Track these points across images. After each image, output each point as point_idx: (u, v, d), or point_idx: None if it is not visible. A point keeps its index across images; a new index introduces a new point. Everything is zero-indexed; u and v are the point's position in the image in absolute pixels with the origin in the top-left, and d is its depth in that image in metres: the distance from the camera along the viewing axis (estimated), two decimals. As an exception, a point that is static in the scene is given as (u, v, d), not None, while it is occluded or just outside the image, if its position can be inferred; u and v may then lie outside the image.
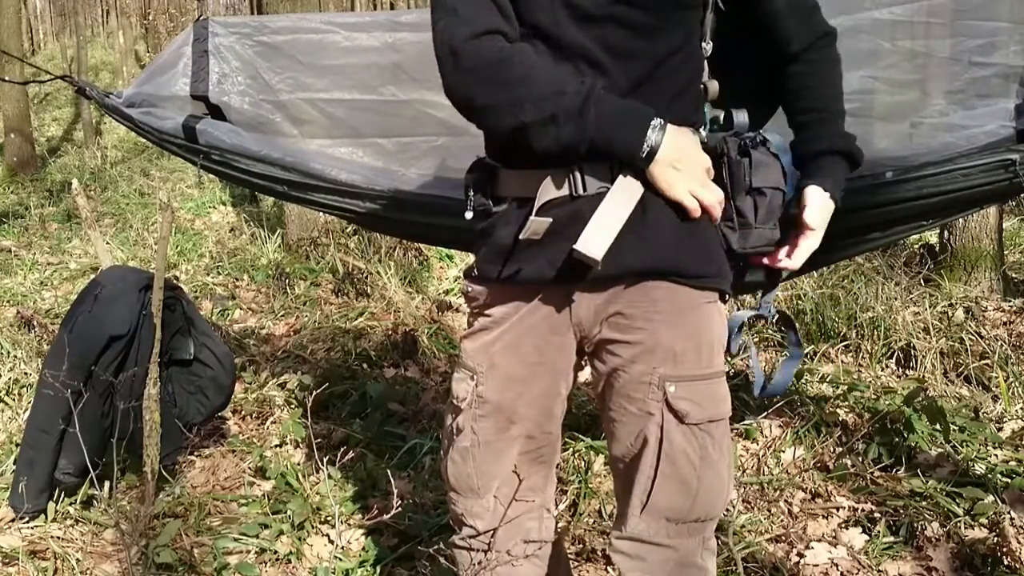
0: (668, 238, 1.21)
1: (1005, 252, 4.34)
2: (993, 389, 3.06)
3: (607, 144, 1.15)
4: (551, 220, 1.19)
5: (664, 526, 1.25)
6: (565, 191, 1.20)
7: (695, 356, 1.23)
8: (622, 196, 1.17)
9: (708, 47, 1.27)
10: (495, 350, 1.31)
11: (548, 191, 1.20)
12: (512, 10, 1.20)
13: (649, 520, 1.25)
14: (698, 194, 1.19)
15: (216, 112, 2.26)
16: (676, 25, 1.21)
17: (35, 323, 3.90)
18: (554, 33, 1.19)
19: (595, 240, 1.15)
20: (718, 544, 2.09)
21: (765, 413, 2.80)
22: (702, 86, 1.29)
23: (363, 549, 2.21)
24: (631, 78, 1.19)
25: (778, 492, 2.41)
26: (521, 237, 1.20)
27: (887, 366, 3.37)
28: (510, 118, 1.15)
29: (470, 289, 1.36)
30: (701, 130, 1.29)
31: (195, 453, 2.75)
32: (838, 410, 2.90)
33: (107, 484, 2.39)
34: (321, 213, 5.20)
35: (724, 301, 1.30)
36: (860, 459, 2.55)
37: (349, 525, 2.34)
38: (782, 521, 2.28)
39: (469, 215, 1.30)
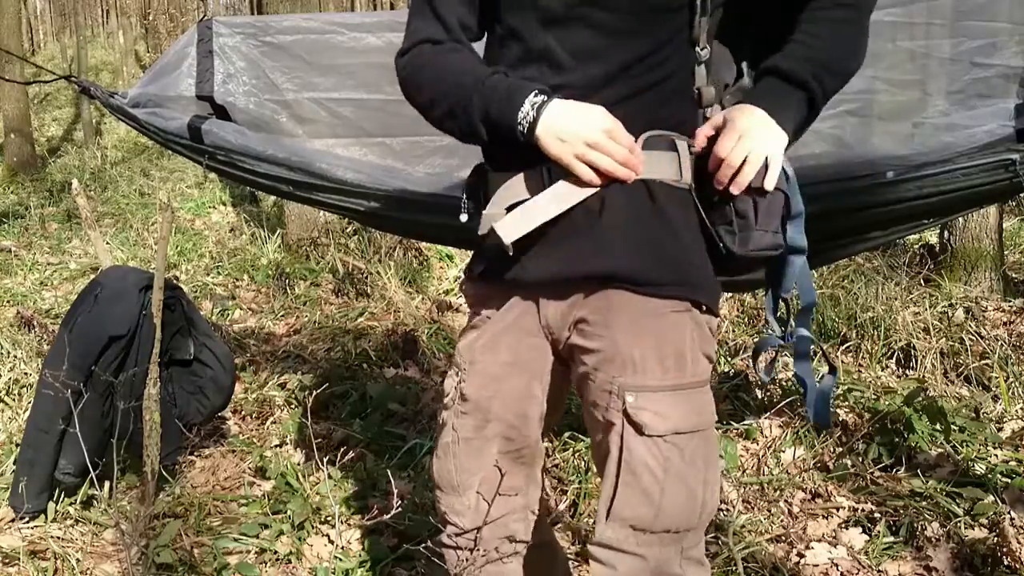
0: (623, 243, 1.19)
1: (1005, 252, 4.34)
2: (993, 389, 3.06)
3: (494, 125, 1.17)
4: (514, 235, 1.19)
5: (631, 534, 1.22)
6: (531, 192, 1.21)
7: (658, 366, 1.19)
8: (558, 192, 1.17)
9: (704, 52, 1.21)
10: (477, 347, 1.33)
11: (514, 193, 1.22)
12: (468, 17, 1.28)
13: (615, 527, 1.23)
14: (587, 157, 1.14)
15: (221, 112, 2.26)
16: (651, 29, 1.17)
17: (35, 323, 3.89)
18: (523, 35, 1.21)
19: (510, 225, 1.17)
20: (718, 544, 2.10)
21: (766, 413, 2.80)
22: (696, 90, 1.23)
23: (363, 549, 2.21)
24: (589, 78, 1.18)
25: (778, 492, 2.42)
26: (479, 233, 1.23)
27: (887, 366, 3.37)
28: (431, 116, 1.26)
29: (464, 287, 1.40)
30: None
31: (195, 453, 2.75)
32: (838, 410, 2.90)
33: (107, 484, 2.39)
34: (322, 213, 5.21)
35: (706, 312, 1.24)
36: (860, 459, 2.55)
37: (349, 525, 2.34)
38: (782, 521, 2.28)
39: (464, 218, 1.32)
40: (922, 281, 4.03)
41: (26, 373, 3.29)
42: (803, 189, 1.78)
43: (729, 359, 3.36)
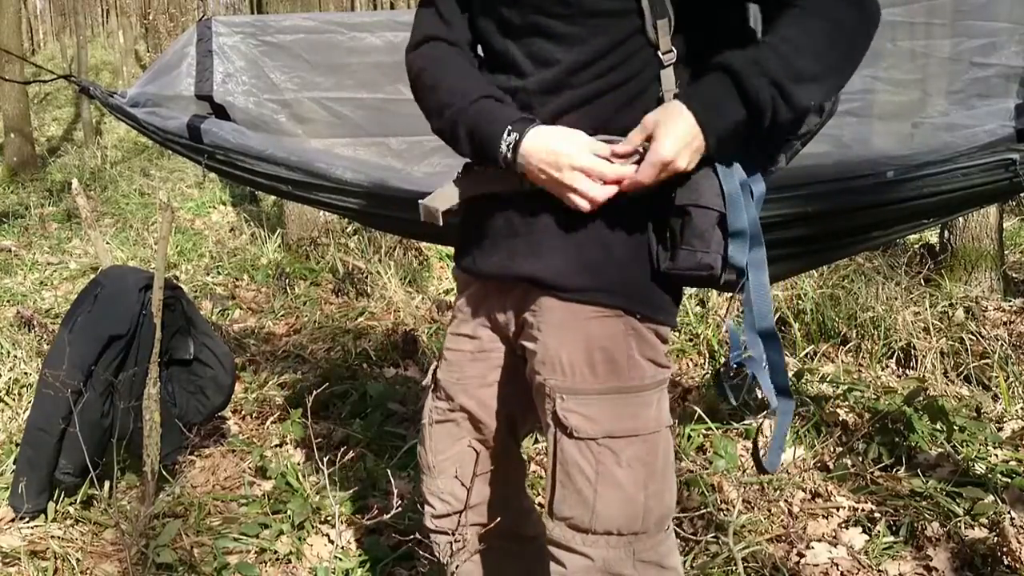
0: (550, 248, 1.20)
1: (1005, 252, 4.34)
2: (993, 389, 3.06)
3: (481, 156, 1.21)
4: (438, 208, 1.27)
5: (575, 534, 1.24)
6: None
7: (588, 370, 1.20)
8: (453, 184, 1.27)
9: (668, 55, 1.16)
10: (449, 333, 1.42)
11: (448, 193, 1.29)
12: (459, 16, 1.30)
13: (557, 524, 1.25)
14: (578, 187, 1.14)
15: (220, 112, 2.26)
16: (596, 34, 1.16)
17: (35, 323, 3.89)
18: (487, 42, 1.27)
19: (436, 196, 1.27)
20: (718, 544, 2.10)
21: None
22: (660, 95, 1.18)
23: (363, 549, 2.21)
24: (542, 83, 1.20)
25: (778, 492, 2.42)
26: (422, 219, 1.30)
27: (887, 366, 3.37)
28: (431, 126, 1.29)
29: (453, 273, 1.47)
30: None
31: (195, 453, 2.75)
32: (838, 410, 2.90)
33: (107, 484, 2.39)
34: (322, 213, 5.21)
35: (645, 320, 1.21)
36: (860, 459, 2.55)
37: (349, 525, 2.34)
38: (782, 521, 2.28)
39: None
40: (922, 281, 4.03)
41: (26, 373, 3.29)
42: (803, 189, 1.78)
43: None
